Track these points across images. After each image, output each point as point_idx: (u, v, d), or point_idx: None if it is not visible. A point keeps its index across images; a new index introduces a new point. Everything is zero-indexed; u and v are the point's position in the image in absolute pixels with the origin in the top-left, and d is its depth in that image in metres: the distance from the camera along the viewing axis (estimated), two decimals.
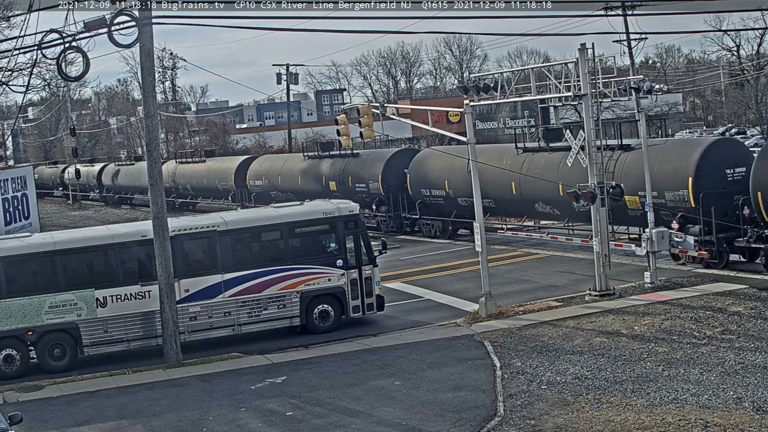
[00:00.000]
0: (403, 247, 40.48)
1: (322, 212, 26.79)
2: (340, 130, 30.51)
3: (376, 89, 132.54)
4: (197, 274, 25.50)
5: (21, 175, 47.95)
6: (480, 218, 26.77)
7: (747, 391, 17.62)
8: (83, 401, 21.28)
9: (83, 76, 25.08)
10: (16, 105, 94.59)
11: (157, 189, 24.36)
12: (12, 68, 37.70)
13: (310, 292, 26.12)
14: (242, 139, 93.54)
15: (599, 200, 26.53)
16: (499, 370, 20.56)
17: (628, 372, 19.55)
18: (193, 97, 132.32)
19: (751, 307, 23.89)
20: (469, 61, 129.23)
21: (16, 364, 24.33)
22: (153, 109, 24.39)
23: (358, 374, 21.41)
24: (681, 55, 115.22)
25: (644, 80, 28.44)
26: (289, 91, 75.68)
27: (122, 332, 24.87)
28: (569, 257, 33.79)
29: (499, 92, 29.14)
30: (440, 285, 31.41)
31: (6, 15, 41.37)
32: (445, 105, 75.36)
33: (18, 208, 45.59)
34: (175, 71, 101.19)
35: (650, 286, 27.19)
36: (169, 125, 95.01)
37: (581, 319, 24.50)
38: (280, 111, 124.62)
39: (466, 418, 17.69)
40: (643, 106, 28.71)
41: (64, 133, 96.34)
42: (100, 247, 25.25)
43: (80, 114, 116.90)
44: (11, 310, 24.15)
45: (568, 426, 16.76)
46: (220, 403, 20.07)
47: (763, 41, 73.67)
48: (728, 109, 73.03)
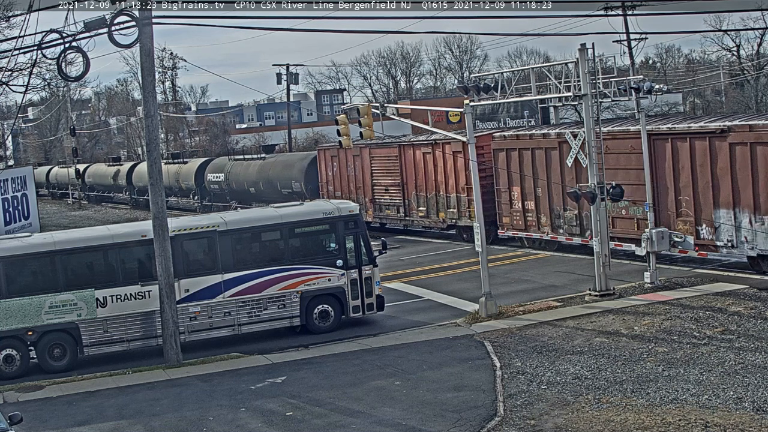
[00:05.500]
0: (403, 247, 40.50)
1: (322, 212, 26.80)
2: (340, 130, 30.51)
3: (376, 89, 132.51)
4: (197, 274, 25.50)
5: (21, 175, 47.95)
6: (480, 218, 26.78)
7: (747, 391, 17.62)
8: (83, 401, 21.28)
9: (83, 76, 25.10)
10: (16, 105, 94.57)
11: (157, 189, 24.36)
12: (12, 68, 37.70)
13: (310, 292, 26.12)
14: (242, 139, 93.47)
15: (598, 200, 26.59)
16: (499, 370, 20.56)
17: (628, 372, 19.56)
18: (193, 97, 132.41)
19: (751, 307, 23.89)
20: (469, 61, 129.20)
21: (16, 364, 24.34)
22: (153, 109, 24.39)
23: (358, 374, 21.41)
24: (681, 55, 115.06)
25: (644, 80, 28.44)
26: (289, 91, 75.66)
27: (122, 332, 24.88)
28: (569, 257, 33.79)
29: (499, 92, 29.16)
30: (440, 285, 31.41)
31: (6, 15, 41.38)
32: (445, 105, 75.29)
33: (18, 208, 45.60)
34: (175, 71, 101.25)
35: (650, 286, 27.19)
36: (169, 125, 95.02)
37: (581, 319, 24.51)
38: (280, 111, 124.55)
39: (466, 418, 17.69)
40: (643, 106, 28.69)
41: (64, 133, 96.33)
42: (100, 247, 25.25)
43: (80, 114, 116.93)
44: (11, 310, 24.15)
45: (568, 426, 16.76)
46: (220, 403, 20.08)
47: (763, 41, 73.57)
48: (728, 109, 72.87)
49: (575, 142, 31.50)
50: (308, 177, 49.71)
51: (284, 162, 53.41)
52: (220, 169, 59.49)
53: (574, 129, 32.54)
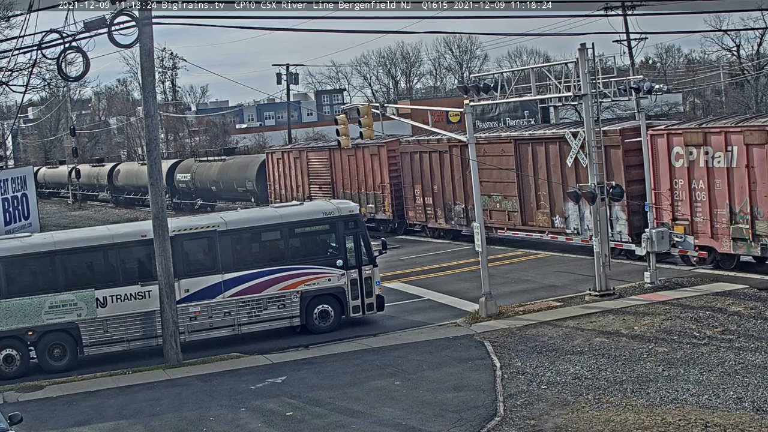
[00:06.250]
0: (403, 247, 40.51)
1: (322, 212, 26.80)
2: (340, 130, 30.52)
3: (376, 89, 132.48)
4: (197, 274, 25.51)
5: (21, 175, 47.92)
6: (480, 218, 26.78)
7: (747, 391, 17.62)
8: (83, 401, 21.29)
9: (83, 76, 25.14)
10: (16, 105, 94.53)
11: (157, 189, 24.37)
12: (12, 68, 37.75)
13: (310, 292, 26.12)
14: (242, 139, 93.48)
15: (599, 200, 26.59)
16: (499, 370, 20.56)
17: (628, 372, 19.56)
18: (193, 97, 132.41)
19: (751, 307, 23.89)
20: (469, 61, 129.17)
21: (16, 364, 24.34)
22: (153, 109, 24.39)
23: (358, 374, 21.42)
24: (681, 55, 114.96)
25: (644, 80, 28.42)
26: (289, 91, 75.61)
27: (122, 332, 24.88)
28: (569, 257, 33.80)
29: (499, 92, 29.15)
30: (440, 285, 31.41)
31: (6, 15, 41.41)
32: (445, 105, 75.27)
33: (18, 208, 45.55)
34: (175, 71, 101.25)
35: (650, 286, 27.19)
36: (169, 125, 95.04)
37: (581, 319, 24.51)
38: (280, 111, 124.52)
39: (466, 418, 17.69)
40: (643, 106, 28.68)
41: (64, 133, 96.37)
42: (100, 247, 25.25)
43: (80, 114, 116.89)
44: (11, 310, 24.15)
45: (568, 426, 16.76)
46: (220, 403, 20.08)
47: (763, 41, 73.51)
48: (728, 109, 72.84)
49: (575, 142, 31.52)
50: (259, 177, 55.60)
51: (240, 163, 59.69)
52: (187, 169, 64.77)
53: (460, 135, 36.04)
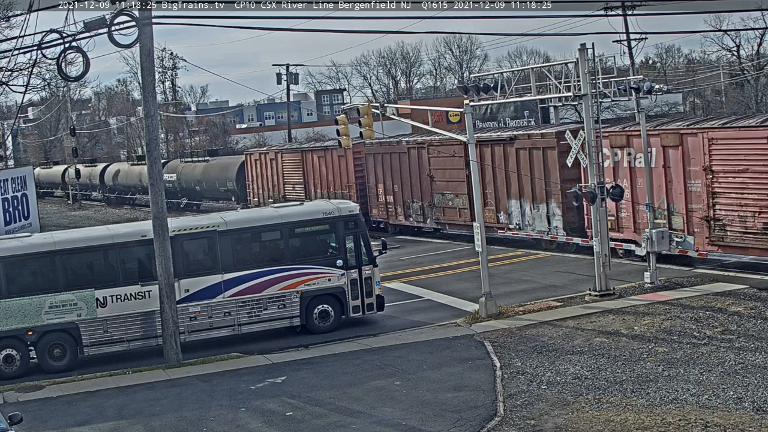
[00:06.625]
0: (403, 247, 40.51)
1: (322, 212, 26.80)
2: (340, 130, 30.52)
3: (376, 89, 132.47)
4: (197, 274, 25.51)
5: (21, 175, 47.94)
6: (480, 218, 26.78)
7: (747, 391, 17.62)
8: (83, 401, 21.29)
9: (83, 76, 25.14)
10: (16, 105, 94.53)
11: (157, 189, 24.37)
12: (12, 68, 37.75)
13: (310, 292, 26.12)
14: (242, 139, 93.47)
15: (599, 200, 26.59)
16: (499, 370, 20.56)
17: (628, 372, 19.56)
18: (193, 97, 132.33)
19: (751, 307, 23.89)
20: (469, 61, 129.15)
21: (16, 364, 24.35)
22: (153, 109, 24.39)
23: (358, 374, 21.42)
24: (681, 55, 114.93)
25: (644, 80, 28.43)
26: (289, 91, 75.63)
27: (122, 332, 24.88)
28: (569, 257, 33.79)
29: (499, 92, 29.15)
30: (440, 285, 31.41)
31: (6, 15, 41.41)
32: (445, 105, 75.20)
33: (18, 208, 45.56)
34: (175, 71, 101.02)
35: (650, 286, 27.19)
36: (169, 125, 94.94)
37: (581, 319, 24.51)
38: (280, 111, 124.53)
39: (466, 418, 17.69)
40: (643, 106, 28.70)
41: (64, 133, 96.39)
42: (100, 247, 25.25)
43: (80, 114, 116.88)
44: (11, 310, 24.16)
45: (568, 426, 16.76)
46: (220, 403, 20.08)
47: (763, 41, 73.48)
48: (728, 109, 72.81)
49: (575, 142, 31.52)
50: (239, 177, 58.21)
51: (222, 164, 62.46)
52: (173, 169, 67.27)
53: (420, 138, 39.24)
